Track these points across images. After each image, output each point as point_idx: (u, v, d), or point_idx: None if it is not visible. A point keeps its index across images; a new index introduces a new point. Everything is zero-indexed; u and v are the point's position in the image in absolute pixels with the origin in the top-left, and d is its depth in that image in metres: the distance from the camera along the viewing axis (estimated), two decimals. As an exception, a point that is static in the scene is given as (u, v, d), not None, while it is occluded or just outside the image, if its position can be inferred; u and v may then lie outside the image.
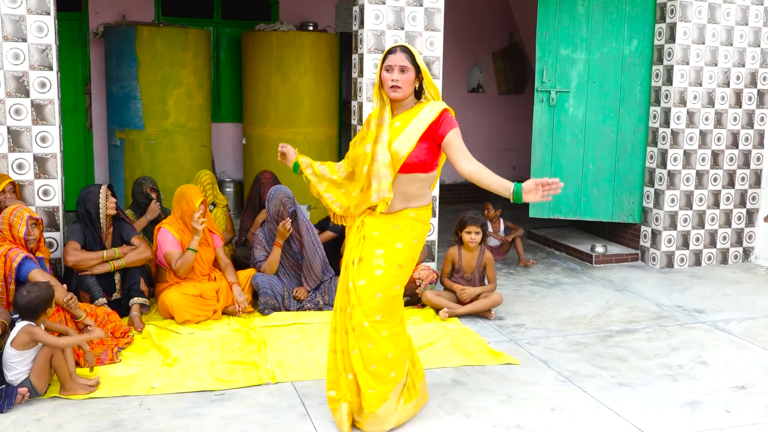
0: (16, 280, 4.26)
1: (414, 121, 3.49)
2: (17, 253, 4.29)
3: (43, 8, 5.04)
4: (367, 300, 3.45)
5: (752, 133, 7.09)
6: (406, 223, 3.54)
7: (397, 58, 3.46)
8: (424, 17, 5.92)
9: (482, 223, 5.47)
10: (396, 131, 3.50)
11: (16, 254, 4.29)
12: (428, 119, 3.47)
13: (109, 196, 5.08)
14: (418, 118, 3.49)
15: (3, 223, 4.38)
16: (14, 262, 4.25)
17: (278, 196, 5.44)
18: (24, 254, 4.30)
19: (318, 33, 8.33)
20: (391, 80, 3.45)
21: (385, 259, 3.48)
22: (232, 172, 9.40)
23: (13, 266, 4.25)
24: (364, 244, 3.51)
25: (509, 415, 3.81)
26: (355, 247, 3.54)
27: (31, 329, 3.82)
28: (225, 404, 3.88)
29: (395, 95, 3.47)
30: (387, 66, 3.47)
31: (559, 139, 6.95)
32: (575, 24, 6.86)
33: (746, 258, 7.28)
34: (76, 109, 8.73)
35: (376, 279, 3.46)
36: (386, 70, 3.47)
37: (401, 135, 3.47)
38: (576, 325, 5.29)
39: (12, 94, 5.04)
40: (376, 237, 3.51)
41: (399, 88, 3.46)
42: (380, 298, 3.47)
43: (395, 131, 3.50)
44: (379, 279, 3.46)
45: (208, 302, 5.15)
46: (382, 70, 3.49)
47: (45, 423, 3.62)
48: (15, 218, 4.37)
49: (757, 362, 4.63)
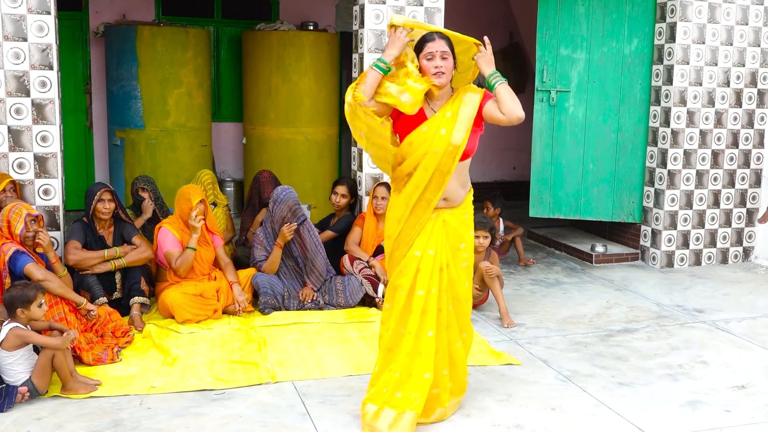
0: (11, 275, 4.27)
1: (463, 107, 3.50)
2: (9, 247, 4.30)
3: (44, 8, 5.04)
4: (463, 291, 3.68)
5: (752, 132, 7.09)
6: (471, 209, 3.72)
7: (437, 45, 3.45)
8: (425, 17, 5.92)
9: (491, 227, 5.45)
10: (449, 121, 3.48)
11: (8, 248, 4.29)
12: (476, 102, 3.51)
13: (103, 201, 5.08)
14: (465, 103, 3.51)
15: (2, 220, 4.38)
16: (6, 256, 4.25)
17: (287, 202, 5.40)
18: (16, 248, 4.30)
19: (318, 33, 8.33)
20: (435, 67, 3.43)
21: (467, 251, 3.68)
22: (233, 171, 9.41)
23: (5, 260, 4.25)
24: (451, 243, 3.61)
25: (509, 414, 3.81)
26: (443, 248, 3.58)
27: (18, 331, 3.82)
28: (225, 403, 3.88)
29: (441, 81, 3.45)
30: (427, 54, 3.45)
31: (559, 139, 6.95)
32: (575, 24, 6.85)
33: (746, 257, 7.28)
34: (77, 109, 8.73)
35: (464, 270, 3.68)
36: (427, 59, 3.45)
37: (458, 124, 3.47)
38: (576, 324, 5.29)
39: (12, 93, 5.04)
40: (458, 232, 3.63)
41: (443, 74, 3.45)
42: (468, 286, 3.72)
43: (448, 121, 3.48)
44: (466, 270, 3.70)
45: (208, 302, 5.16)
46: (421, 59, 3.47)
47: (45, 422, 3.63)
48: (14, 215, 4.37)
49: (757, 362, 4.63)
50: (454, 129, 3.46)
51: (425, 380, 3.53)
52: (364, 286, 5.48)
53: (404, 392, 3.53)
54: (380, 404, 3.55)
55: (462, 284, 3.67)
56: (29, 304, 3.86)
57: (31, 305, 3.87)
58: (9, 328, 3.83)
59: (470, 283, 3.75)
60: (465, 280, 3.70)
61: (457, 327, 3.69)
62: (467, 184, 3.70)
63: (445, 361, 3.66)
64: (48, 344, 3.84)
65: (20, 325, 3.85)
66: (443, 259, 3.58)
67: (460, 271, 3.66)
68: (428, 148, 3.47)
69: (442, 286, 3.59)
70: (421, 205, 3.55)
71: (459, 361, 3.72)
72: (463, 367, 3.76)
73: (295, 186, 7.28)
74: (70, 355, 3.99)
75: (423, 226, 3.58)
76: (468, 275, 3.72)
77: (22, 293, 3.87)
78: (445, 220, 3.60)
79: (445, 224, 3.59)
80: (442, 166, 3.48)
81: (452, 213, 3.61)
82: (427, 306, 3.56)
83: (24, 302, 3.85)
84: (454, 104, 3.53)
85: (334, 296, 5.44)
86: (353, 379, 4.21)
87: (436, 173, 3.49)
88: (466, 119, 3.48)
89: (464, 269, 3.68)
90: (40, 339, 3.85)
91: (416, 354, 3.54)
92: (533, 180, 7.02)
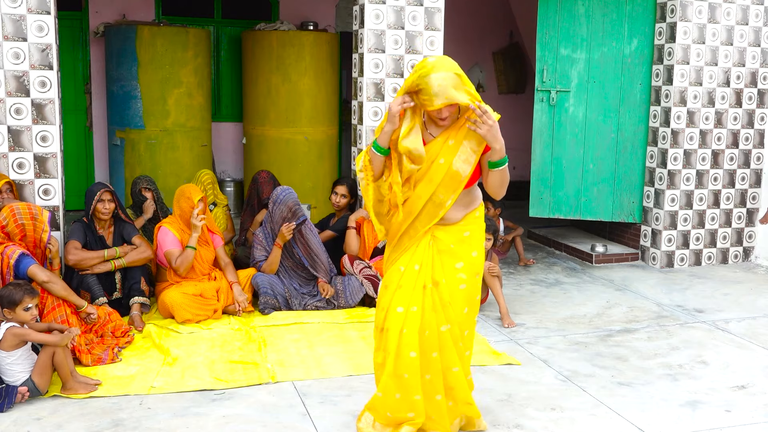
0: (15, 277, 4.27)
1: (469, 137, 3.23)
2: (14, 250, 4.30)
3: (44, 7, 5.04)
4: (458, 316, 3.33)
5: (752, 132, 7.09)
6: (474, 226, 3.39)
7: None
8: (425, 17, 5.92)
9: (494, 230, 5.45)
10: (452, 150, 3.24)
11: (12, 251, 4.29)
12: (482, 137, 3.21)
13: (103, 201, 5.08)
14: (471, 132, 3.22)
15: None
16: (11, 259, 4.26)
17: (287, 202, 5.41)
18: (21, 251, 4.31)
19: (318, 32, 8.33)
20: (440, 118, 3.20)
21: (465, 272, 3.34)
22: (233, 171, 9.41)
23: (11, 263, 4.25)
24: (443, 260, 3.33)
25: (509, 414, 3.81)
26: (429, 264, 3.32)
27: (15, 330, 3.82)
28: (225, 403, 3.88)
29: (444, 124, 3.25)
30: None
31: (559, 139, 6.95)
32: (575, 24, 6.85)
33: (746, 257, 7.28)
34: (77, 109, 8.73)
35: (460, 294, 3.34)
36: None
37: (460, 154, 3.22)
38: (576, 324, 5.29)
39: (12, 93, 5.04)
40: (453, 249, 3.33)
41: (447, 118, 3.23)
42: (467, 312, 3.37)
43: (450, 150, 3.23)
44: (463, 294, 3.35)
45: (208, 302, 5.16)
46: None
47: (45, 422, 3.63)
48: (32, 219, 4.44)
49: (757, 362, 4.63)
50: (455, 158, 3.22)
51: (416, 401, 3.33)
52: (364, 286, 5.48)
53: (398, 412, 3.37)
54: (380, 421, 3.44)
55: (458, 308, 3.32)
56: (15, 306, 3.81)
57: (17, 307, 3.81)
58: (6, 327, 3.83)
59: (470, 311, 3.38)
60: (462, 305, 3.34)
61: (454, 352, 3.36)
62: (473, 202, 3.40)
63: (439, 387, 3.37)
64: (47, 341, 3.84)
65: (17, 324, 3.85)
66: (428, 276, 3.31)
67: (455, 294, 3.32)
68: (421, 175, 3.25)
69: (426, 305, 3.30)
70: (409, 233, 3.35)
71: (457, 385, 3.41)
72: (463, 389, 3.44)
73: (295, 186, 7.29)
74: (70, 355, 3.99)
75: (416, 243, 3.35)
76: (467, 301, 3.35)
77: (9, 294, 3.83)
78: (436, 236, 3.33)
79: (436, 240, 3.33)
80: (436, 197, 3.26)
81: (446, 230, 3.33)
82: (407, 324, 3.28)
83: (10, 303, 3.81)
84: (459, 133, 3.25)
85: (334, 296, 5.45)
86: (353, 379, 4.21)
87: (429, 204, 3.27)
88: (470, 150, 3.23)
89: (461, 292, 3.33)
90: (39, 337, 3.85)
91: (397, 376, 3.31)
92: (533, 180, 7.02)
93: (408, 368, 3.29)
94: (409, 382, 3.31)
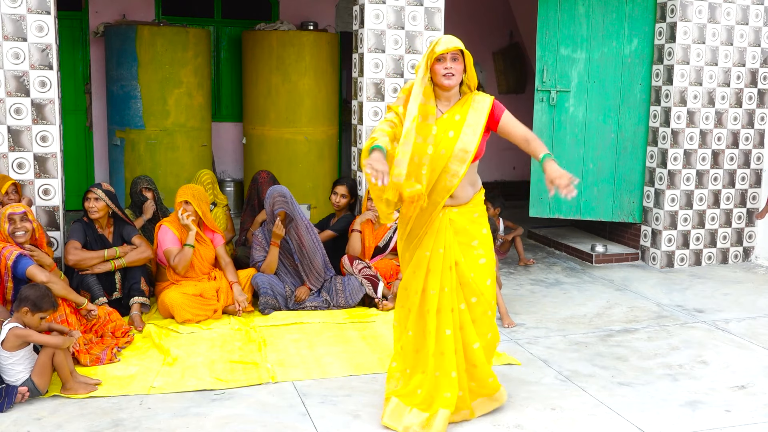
0: (13, 278, 4.27)
1: (472, 112, 3.54)
2: (11, 251, 4.30)
3: (44, 7, 5.04)
4: (483, 287, 3.61)
5: (752, 132, 7.09)
6: (481, 208, 3.70)
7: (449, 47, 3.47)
8: (425, 17, 5.92)
9: (494, 230, 5.45)
10: (458, 124, 3.52)
11: (10, 252, 4.29)
12: (485, 109, 3.55)
13: (89, 199, 5.07)
14: (474, 108, 3.55)
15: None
16: (9, 260, 4.26)
17: (272, 195, 5.45)
18: (18, 251, 4.31)
19: (318, 32, 8.33)
20: (445, 68, 3.46)
21: (482, 248, 3.64)
22: (233, 171, 9.40)
23: (8, 264, 4.25)
24: (460, 240, 3.60)
25: (509, 414, 3.81)
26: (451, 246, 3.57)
27: (17, 330, 3.82)
28: (225, 403, 3.88)
29: (449, 83, 3.49)
30: (439, 56, 3.47)
31: (559, 139, 6.95)
32: (575, 24, 6.85)
33: (746, 257, 7.28)
34: (77, 109, 8.72)
35: (482, 267, 3.63)
36: (438, 60, 3.47)
37: (465, 128, 3.51)
38: (576, 324, 5.29)
39: (12, 93, 5.04)
40: (467, 230, 3.62)
41: (453, 76, 3.48)
42: (490, 284, 3.65)
43: (456, 124, 3.52)
44: (484, 267, 3.64)
45: (208, 302, 5.16)
46: (433, 62, 3.48)
47: (45, 422, 3.63)
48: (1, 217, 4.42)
49: (757, 362, 4.63)
50: (461, 132, 3.50)
51: (452, 379, 3.56)
52: (364, 286, 5.48)
53: (437, 392, 3.58)
54: (412, 405, 3.60)
55: (481, 281, 3.61)
56: (37, 312, 3.86)
57: (36, 314, 3.87)
58: (8, 328, 3.83)
59: (493, 281, 3.68)
60: (486, 277, 3.64)
61: (473, 328, 3.63)
62: (476, 183, 3.70)
63: (461, 362, 3.62)
64: (49, 342, 3.84)
65: (19, 324, 3.85)
66: (451, 257, 3.58)
67: (477, 268, 3.61)
68: (435, 149, 3.49)
69: (453, 285, 3.58)
70: (428, 209, 3.57)
71: (478, 362, 3.64)
72: (484, 368, 3.67)
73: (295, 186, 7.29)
74: (69, 355, 3.99)
75: (431, 224, 3.59)
76: (489, 272, 3.66)
77: (39, 298, 3.86)
78: (452, 219, 3.59)
79: (452, 222, 3.58)
80: (449, 168, 3.50)
81: (459, 211, 3.60)
82: (442, 305, 3.57)
83: (35, 307, 3.85)
84: (463, 107, 3.57)
85: (334, 296, 5.45)
86: (353, 379, 4.21)
87: (443, 174, 3.51)
88: (475, 123, 3.52)
89: (482, 266, 3.63)
90: (41, 338, 3.85)
91: (439, 353, 3.58)
92: (533, 180, 7.02)
93: (446, 346, 3.57)
94: (448, 359, 3.57)
